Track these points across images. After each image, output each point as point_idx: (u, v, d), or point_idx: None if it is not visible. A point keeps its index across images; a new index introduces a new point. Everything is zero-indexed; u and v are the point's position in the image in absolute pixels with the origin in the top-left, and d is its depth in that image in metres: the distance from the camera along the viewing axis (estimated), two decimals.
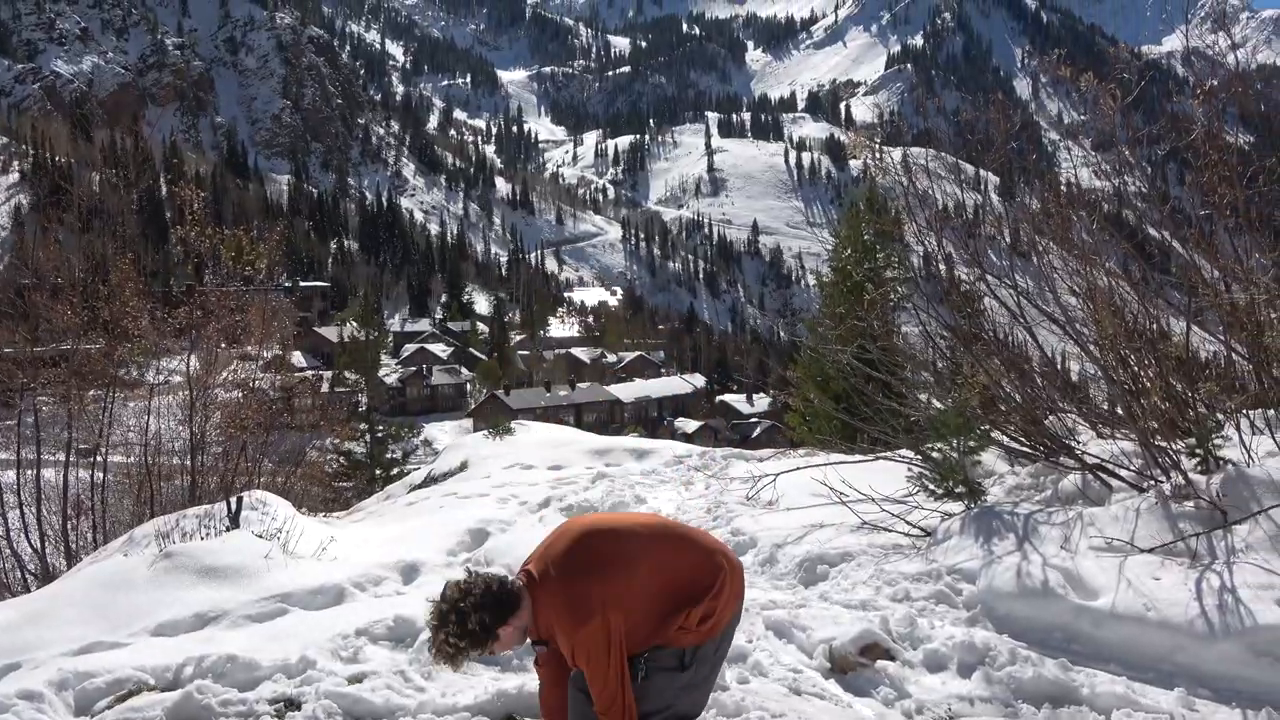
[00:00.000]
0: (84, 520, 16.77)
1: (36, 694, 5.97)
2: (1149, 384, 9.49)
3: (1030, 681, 6.34)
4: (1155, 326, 9.69)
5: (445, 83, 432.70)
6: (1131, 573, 7.12)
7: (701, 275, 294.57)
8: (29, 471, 17.40)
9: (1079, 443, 10.06)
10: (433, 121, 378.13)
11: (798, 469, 12.51)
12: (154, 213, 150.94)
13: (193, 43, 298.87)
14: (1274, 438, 8.32)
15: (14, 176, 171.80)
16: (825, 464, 12.06)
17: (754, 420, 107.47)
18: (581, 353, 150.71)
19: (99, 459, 17.56)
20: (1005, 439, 10.90)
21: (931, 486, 9.98)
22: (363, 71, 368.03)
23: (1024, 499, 9.73)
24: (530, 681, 6.14)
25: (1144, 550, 7.40)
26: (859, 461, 11.90)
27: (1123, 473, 9.10)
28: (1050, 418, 10.56)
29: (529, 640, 4.47)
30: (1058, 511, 8.63)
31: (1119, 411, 9.90)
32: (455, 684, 6.42)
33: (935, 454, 10.16)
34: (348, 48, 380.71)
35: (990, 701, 6.25)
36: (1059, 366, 11.49)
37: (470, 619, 4.13)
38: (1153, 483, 8.52)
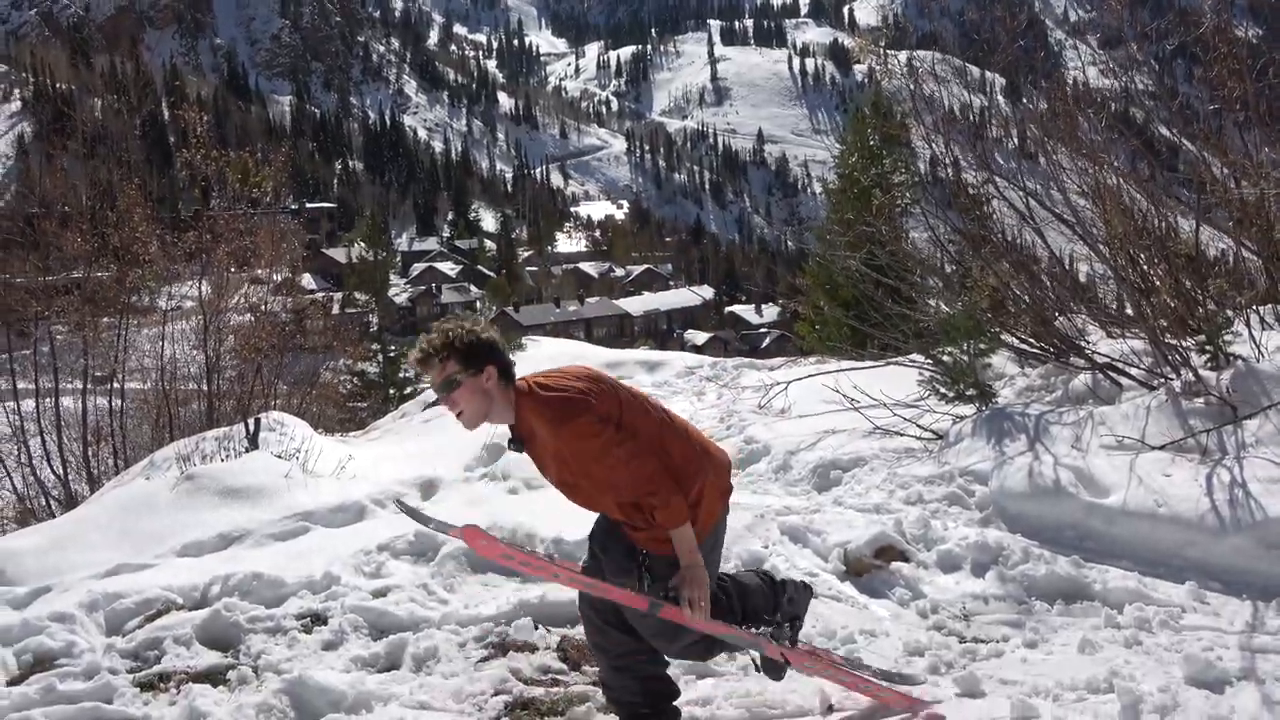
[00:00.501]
0: (104, 446, 16.97)
1: (68, 616, 6.07)
2: (1158, 282, 9.49)
3: (1043, 579, 6.42)
4: (1164, 225, 9.66)
5: None
6: (1142, 470, 7.17)
7: (707, 186, 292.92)
8: (47, 400, 17.57)
9: (1089, 342, 10.08)
10: (433, 37, 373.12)
11: (809, 376, 12.56)
12: (157, 137, 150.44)
13: None
14: None
15: (15, 105, 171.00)
16: (836, 371, 12.09)
17: (763, 330, 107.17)
18: (590, 267, 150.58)
19: (116, 385, 17.71)
20: (1015, 341, 10.93)
21: (942, 390, 10.03)
22: None
23: (1034, 400, 9.77)
24: (551, 591, 6.23)
25: (1155, 447, 7.45)
26: (870, 367, 11.93)
27: (1133, 371, 9.12)
28: (1060, 318, 10.56)
29: (507, 442, 4.46)
30: (1068, 411, 8.67)
31: (1129, 310, 9.91)
32: (478, 595, 6.52)
33: (946, 357, 10.19)
34: None
35: (1004, 599, 6.34)
36: (1068, 267, 11.47)
37: (475, 332, 4.19)
38: (1163, 380, 8.55)
